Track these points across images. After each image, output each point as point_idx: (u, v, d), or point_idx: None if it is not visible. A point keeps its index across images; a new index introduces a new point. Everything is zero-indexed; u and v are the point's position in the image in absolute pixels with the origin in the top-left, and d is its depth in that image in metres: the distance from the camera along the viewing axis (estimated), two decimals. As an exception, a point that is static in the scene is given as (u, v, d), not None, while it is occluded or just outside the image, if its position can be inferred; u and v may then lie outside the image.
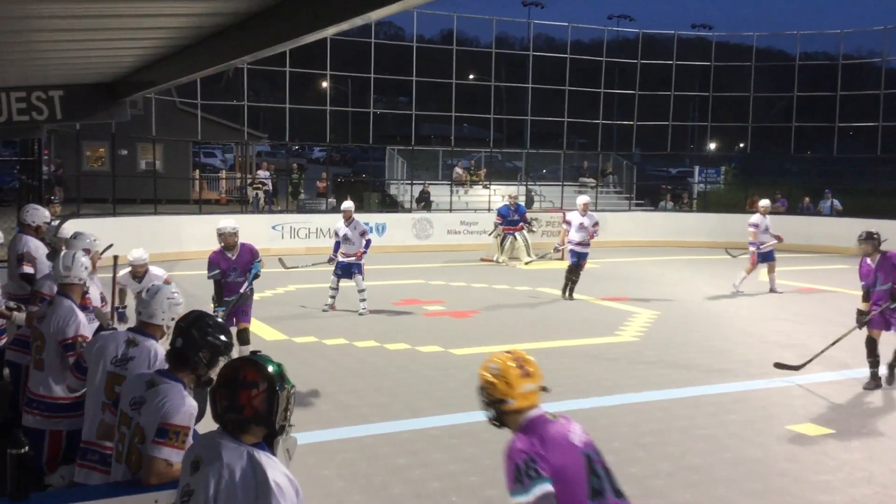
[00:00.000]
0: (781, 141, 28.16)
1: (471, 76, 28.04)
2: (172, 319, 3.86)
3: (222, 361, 3.41)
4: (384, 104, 27.17)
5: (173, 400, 3.32)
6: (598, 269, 15.69)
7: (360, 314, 11.38)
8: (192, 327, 3.48)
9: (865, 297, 8.12)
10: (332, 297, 11.70)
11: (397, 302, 12.69)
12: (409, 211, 23.36)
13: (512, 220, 18.42)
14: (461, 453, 5.99)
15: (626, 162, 29.35)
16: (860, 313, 8.08)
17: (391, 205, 25.34)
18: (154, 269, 8.25)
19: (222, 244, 8.25)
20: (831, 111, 26.26)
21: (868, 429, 6.78)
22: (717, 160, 31.89)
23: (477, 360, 8.88)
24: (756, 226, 14.32)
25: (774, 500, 5.22)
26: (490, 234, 19.19)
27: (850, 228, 22.92)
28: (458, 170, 26.31)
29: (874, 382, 7.98)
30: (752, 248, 14.31)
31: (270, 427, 2.63)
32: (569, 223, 13.55)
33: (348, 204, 12.14)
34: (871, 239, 8.11)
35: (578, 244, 13.27)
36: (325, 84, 25.08)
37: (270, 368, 2.68)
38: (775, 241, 14.28)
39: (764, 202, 15.04)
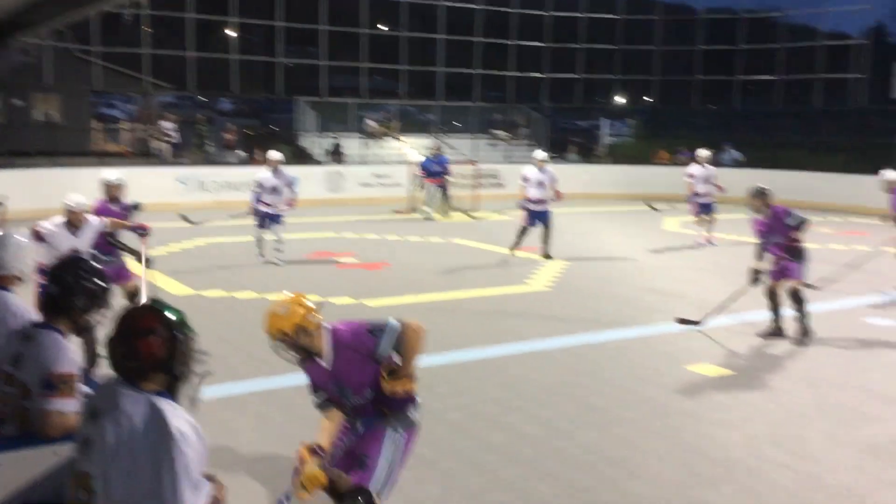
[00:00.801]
0: (686, 94, 28.87)
1: (381, 26, 27.62)
2: (27, 265, 3.70)
3: (101, 307, 3.31)
4: (293, 54, 26.51)
5: (53, 349, 3.19)
6: (509, 220, 15.86)
7: (277, 265, 11.35)
8: (66, 273, 3.35)
9: (759, 256, 8.15)
10: (260, 247, 11.71)
11: (309, 255, 12.58)
12: (321, 164, 23.05)
13: (434, 171, 18.36)
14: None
15: (537, 115, 29.60)
16: (753, 271, 8.08)
17: (302, 157, 24.94)
18: (92, 218, 7.40)
19: (106, 197, 7.90)
20: (733, 65, 27.01)
21: (764, 369, 7.10)
22: (625, 113, 32.48)
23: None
24: (692, 176, 14.48)
25: (673, 437, 5.44)
26: (415, 188, 19.11)
27: (751, 179, 23.85)
28: (371, 122, 26.03)
29: (775, 329, 8.19)
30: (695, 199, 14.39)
31: (171, 374, 2.58)
32: (526, 179, 12.75)
33: (276, 154, 12.24)
34: (760, 195, 8.06)
35: (537, 202, 12.56)
36: (230, 32, 24.30)
37: (169, 315, 2.62)
38: (715, 192, 14.40)
39: (703, 152, 14.83)
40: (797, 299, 7.98)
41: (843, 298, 9.84)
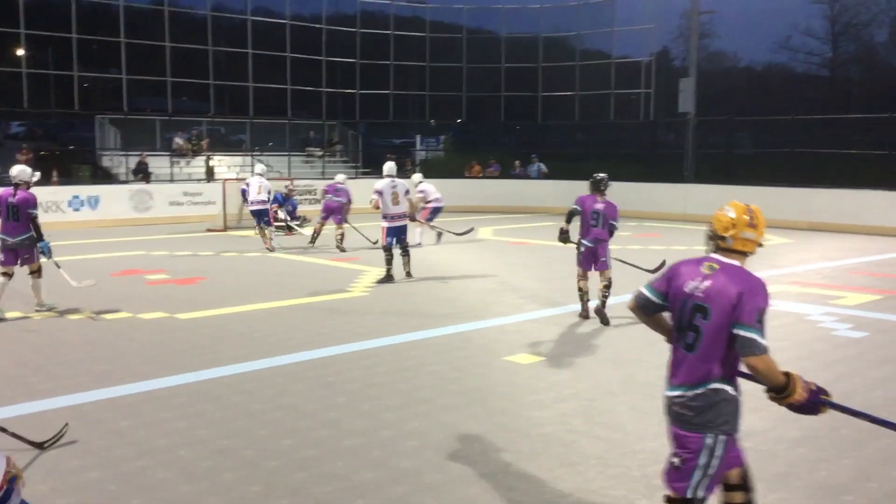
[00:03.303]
0: (493, 110, 30.02)
1: (187, 44, 26.77)
2: None
3: None
4: (92, 71, 25.10)
5: None
6: (328, 232, 15.78)
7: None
8: None
9: (568, 220, 8.90)
10: None
11: (116, 273, 11.93)
12: (126, 183, 21.95)
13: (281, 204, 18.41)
14: (190, 410, 5.80)
15: (352, 132, 29.70)
16: (563, 231, 8.90)
17: (105, 177, 23.62)
18: None
19: None
20: (535, 83, 28.37)
21: (574, 354, 7.48)
22: (438, 129, 33.30)
23: (205, 322, 8.67)
24: (422, 192, 15.92)
25: (494, 420, 5.62)
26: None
27: (555, 189, 25.17)
28: (178, 140, 25.08)
29: (583, 314, 8.95)
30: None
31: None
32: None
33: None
34: (593, 180, 8.92)
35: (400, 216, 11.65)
36: (19, 52, 22.67)
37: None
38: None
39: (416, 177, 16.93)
40: (608, 287, 8.84)
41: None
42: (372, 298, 10.27)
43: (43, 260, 9.10)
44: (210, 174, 23.17)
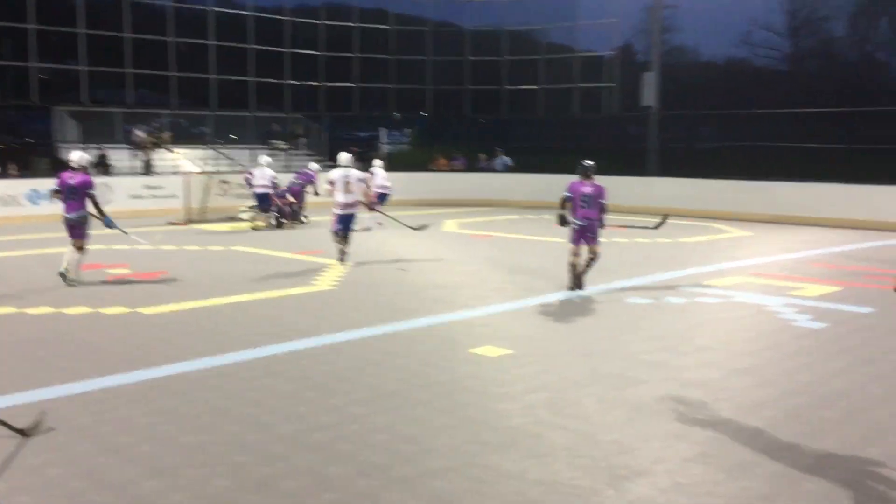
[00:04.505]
0: (458, 104, 30.01)
1: (148, 35, 26.37)
2: None
3: None
4: (50, 62, 24.59)
5: None
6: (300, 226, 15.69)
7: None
8: None
9: (562, 205, 10.01)
10: None
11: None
12: (86, 176, 21.55)
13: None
14: (154, 406, 5.72)
15: (316, 125, 29.51)
16: (561, 216, 10.03)
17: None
18: None
19: None
20: (500, 76, 28.39)
21: (541, 346, 7.52)
22: (403, 123, 33.22)
23: (169, 317, 8.58)
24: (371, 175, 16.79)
25: (461, 413, 5.63)
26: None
27: (521, 183, 25.27)
28: (139, 133, 24.72)
29: (574, 285, 10.06)
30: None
31: None
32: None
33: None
34: (581, 167, 10.05)
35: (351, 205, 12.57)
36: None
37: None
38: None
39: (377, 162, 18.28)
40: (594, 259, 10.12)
41: (608, 282, 10.68)
42: (337, 292, 10.22)
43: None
44: (147, 168, 22.75)
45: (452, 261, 13.02)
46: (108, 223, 10.67)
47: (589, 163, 9.96)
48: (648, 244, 15.07)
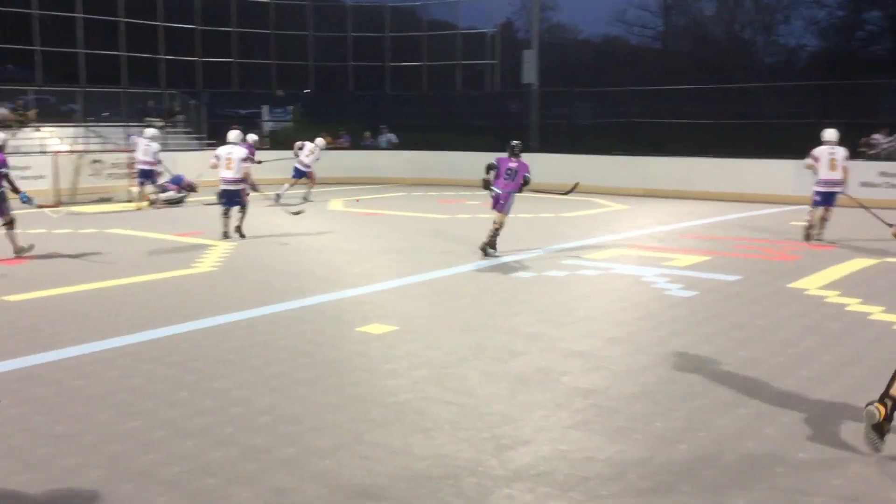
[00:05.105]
0: (342, 81, 29.67)
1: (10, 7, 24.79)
2: None
3: None
4: None
5: None
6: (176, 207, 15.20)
7: None
8: None
9: (487, 171, 11.24)
10: None
11: (-68, 255, 11.01)
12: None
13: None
14: (26, 395, 5.46)
15: (194, 102, 28.55)
16: (485, 181, 11.22)
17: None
18: None
19: None
20: (383, 53, 28.21)
21: (427, 323, 7.58)
22: (286, 100, 32.58)
23: (38, 304, 8.19)
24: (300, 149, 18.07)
25: (347, 391, 5.62)
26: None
27: (406, 160, 25.27)
28: (2, 110, 23.29)
29: (485, 253, 11.07)
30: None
31: None
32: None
33: None
34: (509, 146, 11.43)
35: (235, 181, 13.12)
36: None
37: None
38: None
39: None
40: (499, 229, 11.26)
41: (492, 257, 10.88)
42: (220, 273, 9.99)
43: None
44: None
45: (338, 239, 12.93)
46: (25, 199, 11.01)
47: (516, 142, 11.49)
48: (531, 219, 15.38)
